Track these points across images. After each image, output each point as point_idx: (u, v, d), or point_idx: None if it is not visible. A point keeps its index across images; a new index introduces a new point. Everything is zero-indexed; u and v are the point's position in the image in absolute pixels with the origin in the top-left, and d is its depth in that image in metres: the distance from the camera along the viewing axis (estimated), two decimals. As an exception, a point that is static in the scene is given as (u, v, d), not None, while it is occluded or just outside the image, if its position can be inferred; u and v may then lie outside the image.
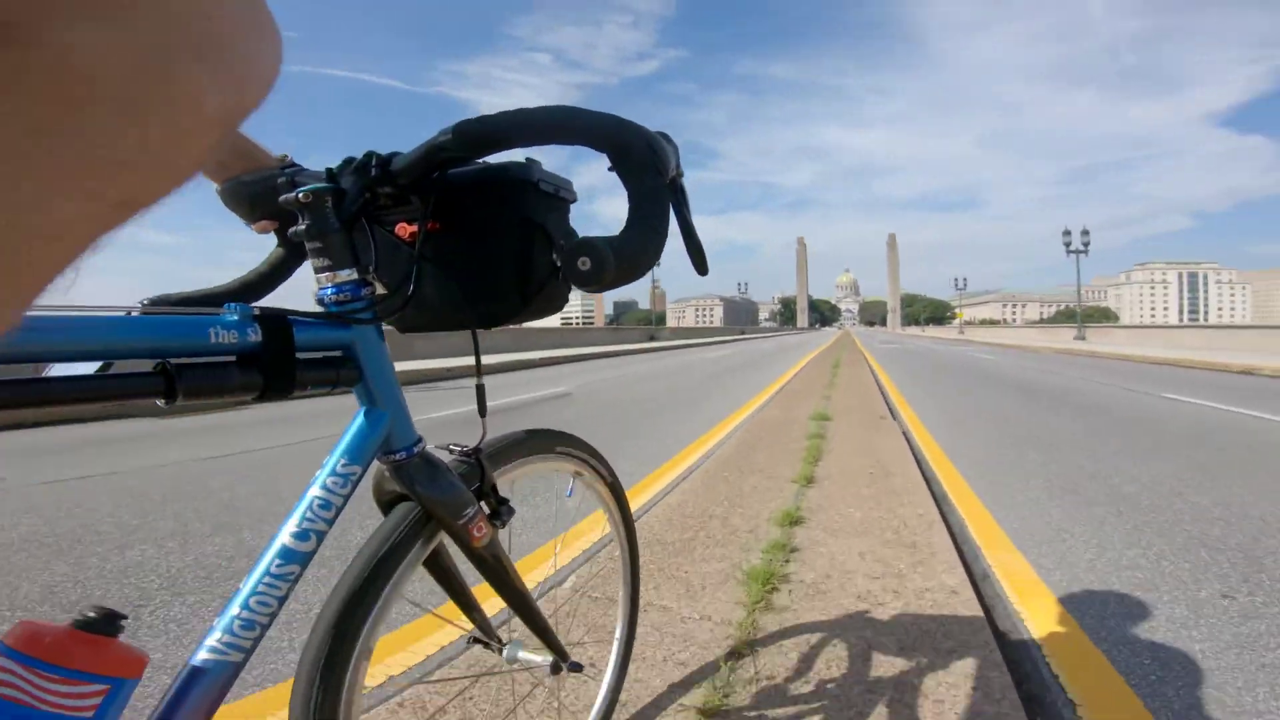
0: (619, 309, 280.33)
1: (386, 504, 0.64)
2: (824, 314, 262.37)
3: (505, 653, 0.83)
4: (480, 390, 0.68)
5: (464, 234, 0.62)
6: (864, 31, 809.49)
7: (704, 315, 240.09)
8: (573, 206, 0.66)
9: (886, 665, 1.36)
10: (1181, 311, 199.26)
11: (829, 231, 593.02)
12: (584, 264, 0.48)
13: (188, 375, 0.44)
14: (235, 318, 0.47)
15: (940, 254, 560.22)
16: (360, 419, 0.57)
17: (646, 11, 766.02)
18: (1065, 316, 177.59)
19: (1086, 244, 27.47)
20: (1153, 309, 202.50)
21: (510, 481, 0.75)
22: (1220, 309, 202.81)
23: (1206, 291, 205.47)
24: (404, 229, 0.62)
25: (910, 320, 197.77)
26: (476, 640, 0.81)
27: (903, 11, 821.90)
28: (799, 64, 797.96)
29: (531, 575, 1.81)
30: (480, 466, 0.68)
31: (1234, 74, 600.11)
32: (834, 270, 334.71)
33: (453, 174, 0.60)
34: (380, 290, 0.61)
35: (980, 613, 1.62)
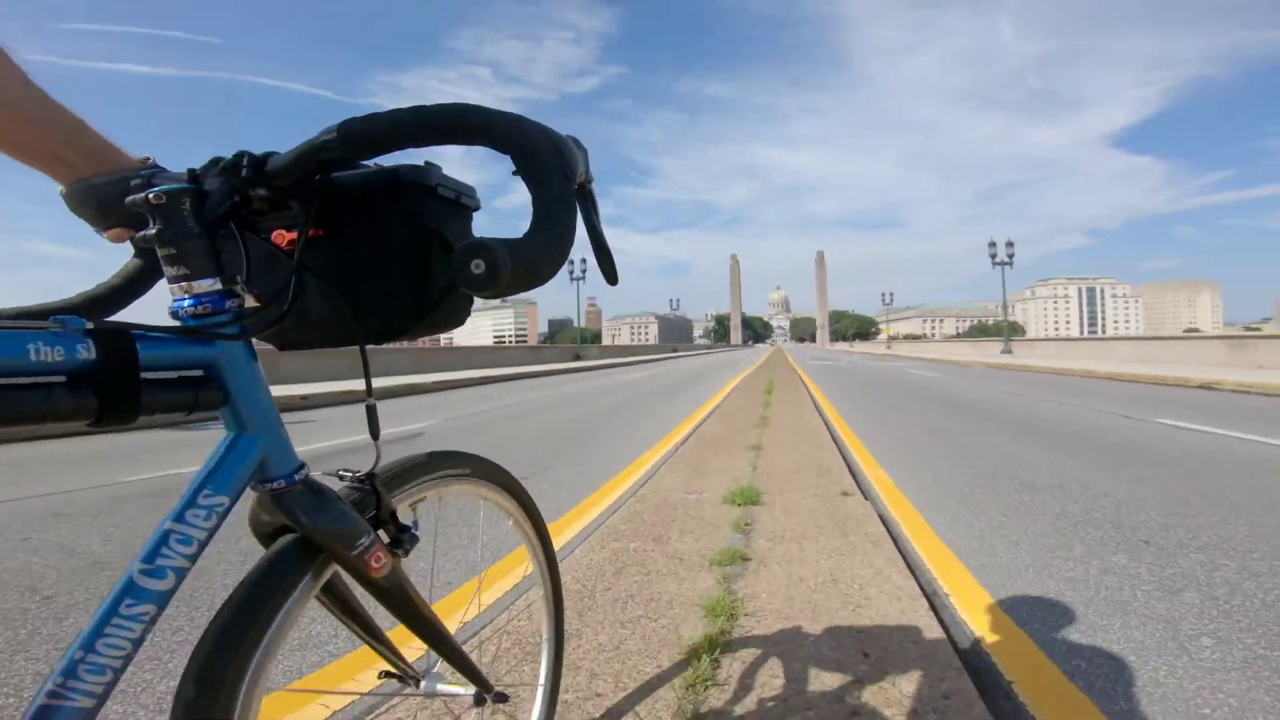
0: (554, 327, 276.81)
1: (266, 536, 0.56)
2: (757, 331, 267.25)
3: (423, 685, 0.81)
4: (372, 411, 0.63)
5: (352, 242, 0.57)
6: (796, 53, 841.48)
7: (639, 333, 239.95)
8: (494, 217, 0.39)
9: None
10: (1082, 324, 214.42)
11: (762, 249, 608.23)
12: (477, 267, 0.43)
13: None
14: (61, 332, 0.42)
15: (865, 272, 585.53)
16: (227, 444, 0.51)
17: (589, 29, 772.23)
18: (979, 330, 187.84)
19: (1011, 255, 27.42)
20: (1055, 322, 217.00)
21: (413, 507, 0.71)
22: (1116, 321, 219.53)
23: (1103, 305, 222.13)
24: (282, 236, 0.56)
25: (838, 336, 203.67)
26: (389, 675, 0.78)
27: (832, 34, 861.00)
28: (735, 83, 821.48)
29: (456, 615, 1.69)
30: (376, 493, 0.62)
31: (1126, 96, 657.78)
32: (767, 287, 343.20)
33: (339, 177, 0.55)
34: (252, 303, 0.54)
35: None
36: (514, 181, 0.52)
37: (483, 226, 0.61)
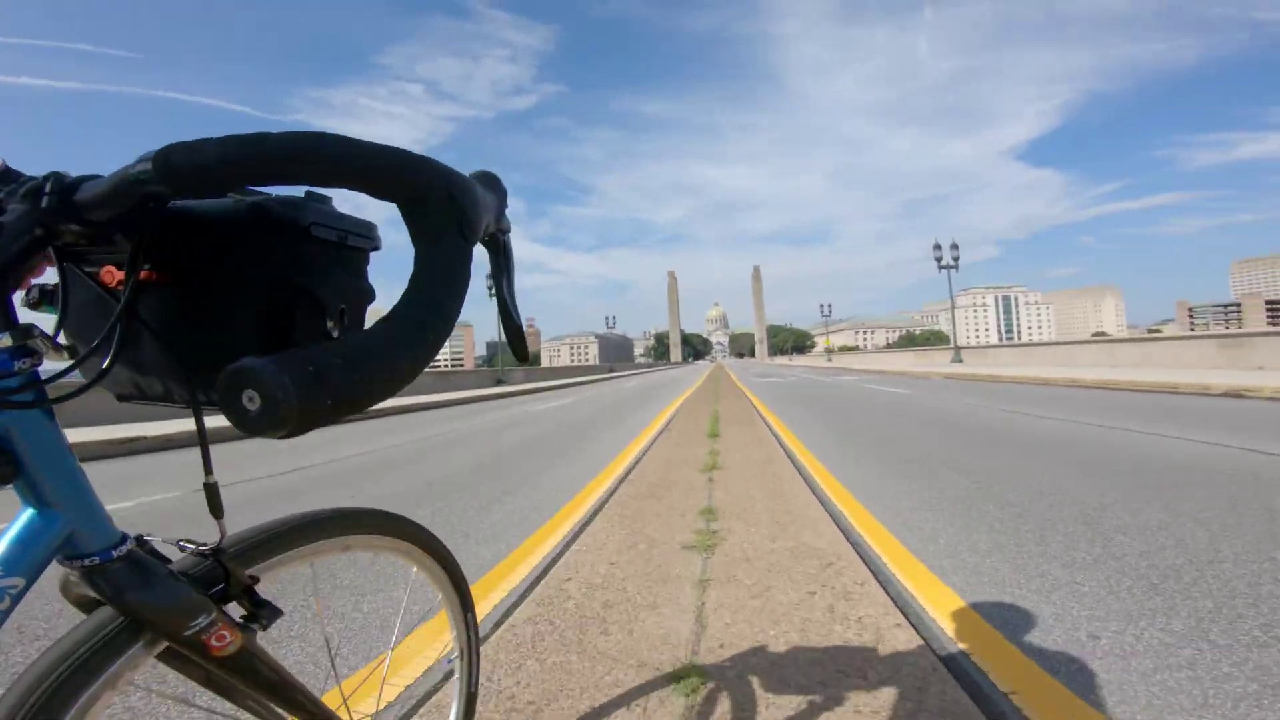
0: (492, 349, 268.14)
1: (84, 605, 0.50)
2: (697, 347, 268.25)
3: None
4: (212, 490, 0.54)
5: (196, 290, 0.48)
6: (732, 71, 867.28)
7: (579, 353, 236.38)
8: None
9: None
10: (999, 332, 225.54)
11: (700, 266, 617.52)
12: (250, 399, 0.35)
13: None
14: None
15: (799, 286, 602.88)
16: (24, 520, 0.45)
17: (525, 46, 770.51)
18: (907, 340, 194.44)
19: (956, 258, 26.11)
20: (976, 331, 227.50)
21: (277, 577, 0.63)
22: (1029, 327, 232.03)
23: (1018, 312, 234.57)
24: (112, 274, 0.49)
25: (776, 350, 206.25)
26: None
27: (765, 53, 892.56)
28: (673, 102, 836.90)
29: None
30: (223, 567, 0.55)
31: (1028, 110, 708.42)
32: (705, 304, 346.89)
33: (188, 206, 0.48)
34: (58, 359, 0.48)
35: None
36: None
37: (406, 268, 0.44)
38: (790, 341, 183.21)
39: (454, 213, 0.42)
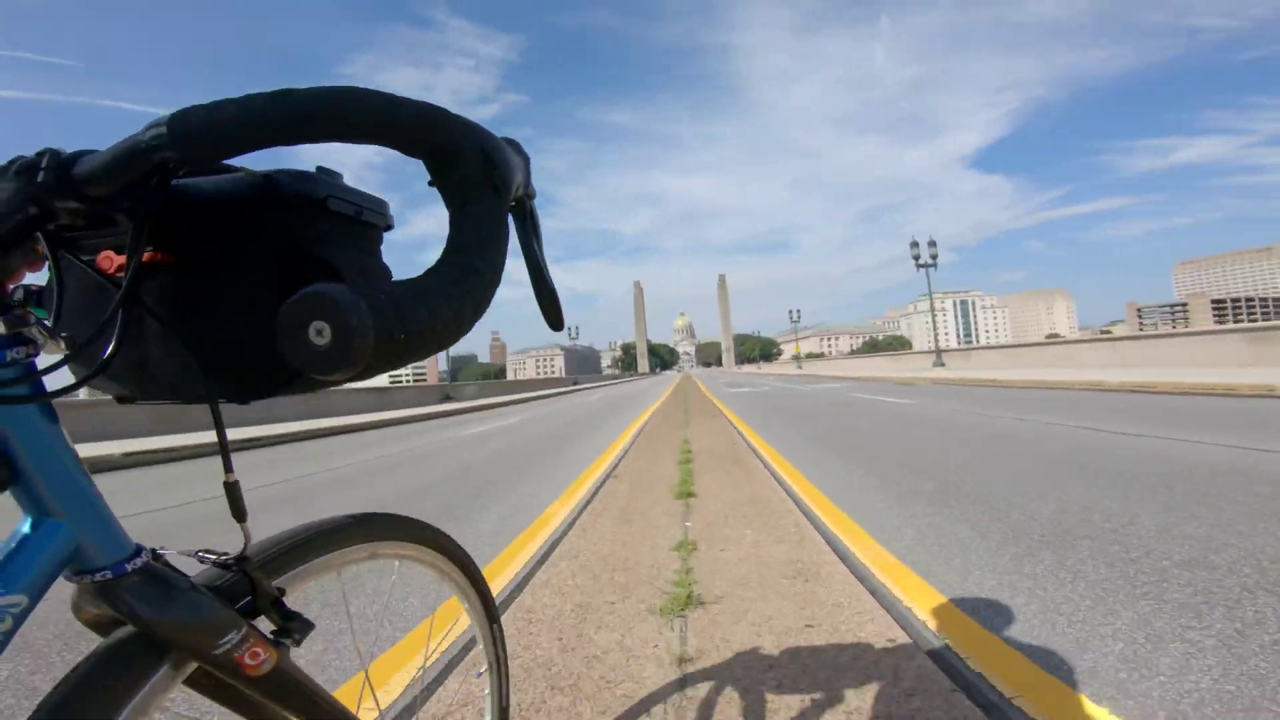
0: (456, 363, 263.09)
1: (100, 626, 0.45)
2: (664, 358, 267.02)
3: None
4: (233, 490, 0.49)
5: (205, 272, 0.45)
6: (697, 81, 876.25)
7: (545, 365, 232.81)
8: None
9: None
10: (958, 335, 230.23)
11: (666, 277, 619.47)
12: (319, 333, 0.31)
13: None
14: None
15: (764, 295, 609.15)
16: (24, 532, 0.41)
17: (489, 56, 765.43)
18: (870, 346, 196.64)
19: (934, 256, 24.63)
20: (935, 334, 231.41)
21: (306, 588, 0.59)
22: (987, 330, 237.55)
23: (975, 316, 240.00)
24: (110, 260, 0.45)
25: (743, 358, 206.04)
26: None
27: (728, 63, 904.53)
28: (638, 112, 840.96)
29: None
30: (249, 578, 0.50)
31: (978, 118, 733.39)
32: (671, 314, 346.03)
33: (193, 183, 0.45)
34: (60, 348, 0.43)
35: None
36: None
37: (400, 262, 0.46)
38: (757, 350, 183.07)
39: (489, 169, 0.40)
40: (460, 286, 0.36)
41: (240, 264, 0.44)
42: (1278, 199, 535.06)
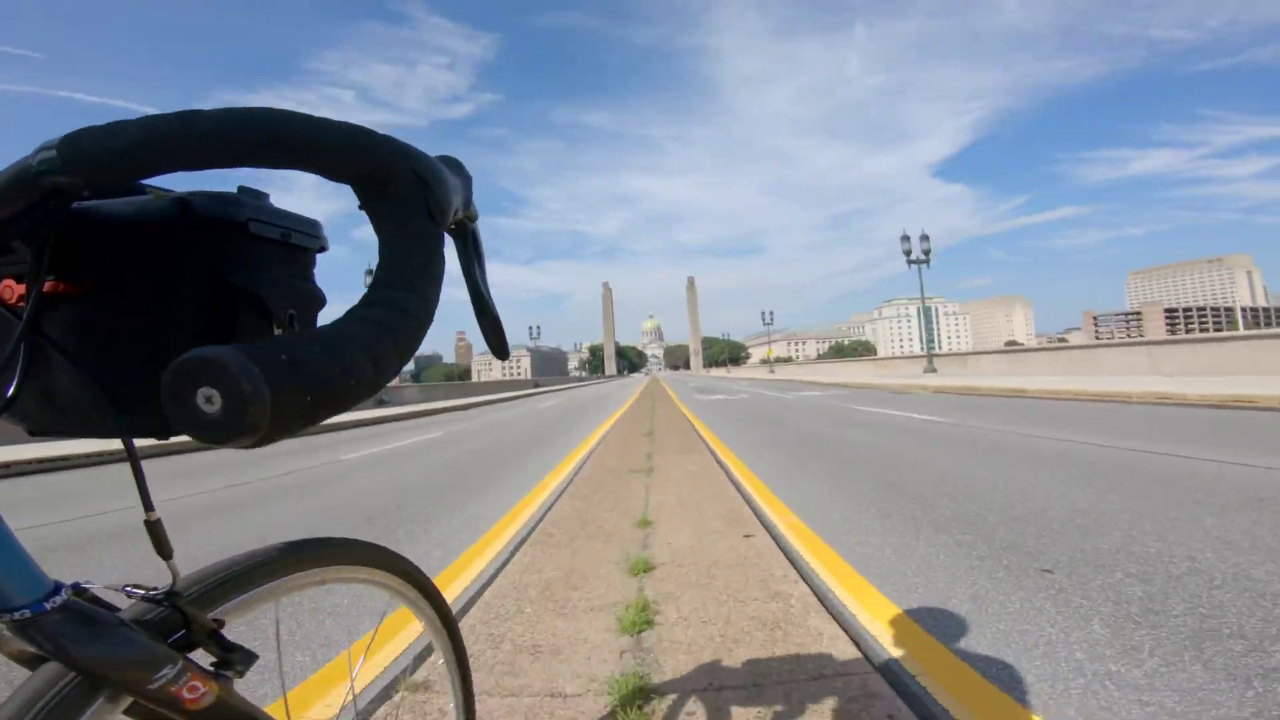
0: (420, 363, 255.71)
1: (28, 661, 0.41)
2: (631, 360, 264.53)
3: None
4: (154, 528, 0.47)
5: (114, 303, 0.42)
6: (671, 83, 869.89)
7: (511, 366, 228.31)
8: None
9: None
10: (922, 341, 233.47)
11: (635, 279, 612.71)
12: (208, 400, 0.28)
13: None
14: None
15: (733, 298, 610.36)
16: None
17: (465, 54, 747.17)
18: (836, 351, 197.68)
19: (928, 251, 22.62)
20: (900, 340, 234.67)
21: (250, 616, 0.57)
22: (949, 337, 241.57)
23: (938, 322, 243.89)
24: (11, 289, 0.43)
25: (711, 361, 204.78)
26: None
27: (703, 66, 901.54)
28: (613, 113, 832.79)
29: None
30: (181, 612, 0.47)
31: (946, 126, 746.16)
32: (640, 317, 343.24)
33: (101, 206, 0.42)
34: None
35: None
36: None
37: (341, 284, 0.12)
38: (725, 353, 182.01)
39: (421, 194, 0.38)
40: (384, 332, 0.33)
41: (153, 293, 0.41)
42: (1224, 211, 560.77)
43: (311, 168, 0.36)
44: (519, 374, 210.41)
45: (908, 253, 22.63)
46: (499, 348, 0.55)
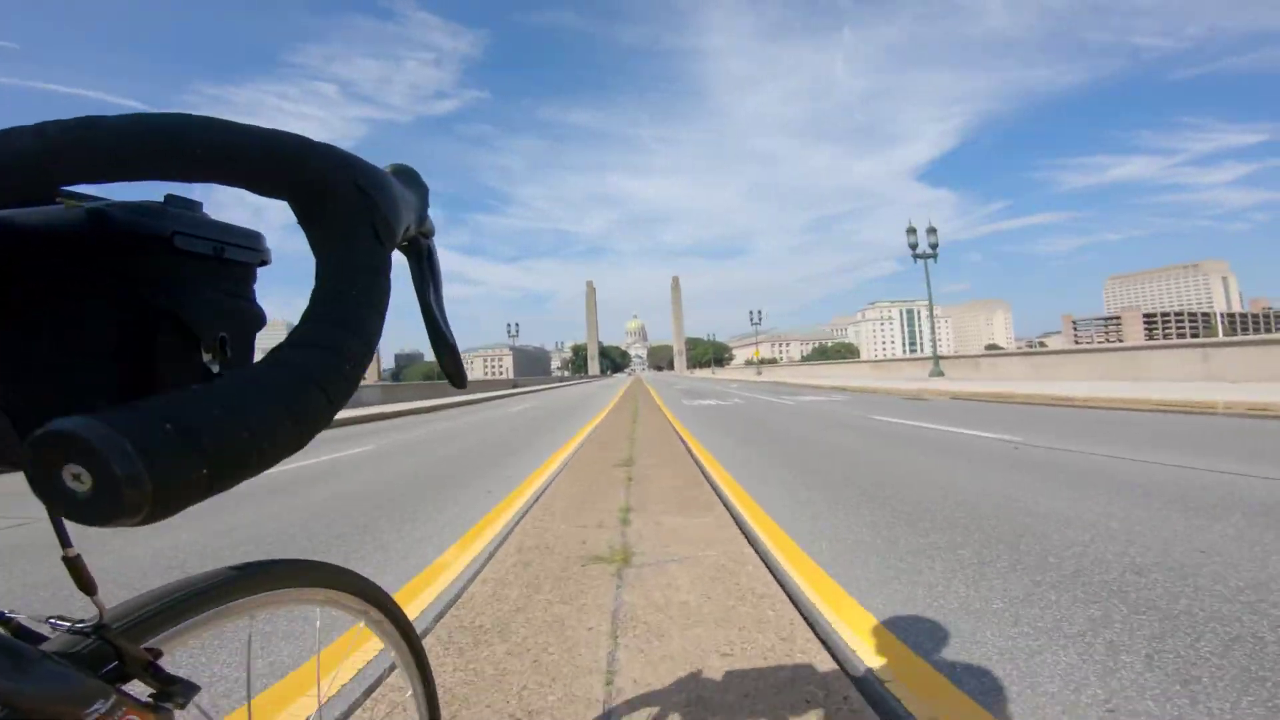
0: (401, 361, 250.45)
1: None
2: (615, 360, 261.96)
3: None
4: (73, 564, 0.44)
5: (22, 326, 0.37)
6: (658, 84, 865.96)
7: (493, 365, 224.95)
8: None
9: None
10: (904, 344, 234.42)
11: (620, 279, 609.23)
12: (76, 478, 0.24)
13: None
14: None
15: (717, 299, 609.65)
16: None
17: (451, 50, 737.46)
18: (819, 353, 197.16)
19: (934, 246, 20.87)
20: (882, 343, 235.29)
21: (194, 645, 0.58)
22: (931, 340, 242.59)
23: (920, 325, 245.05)
24: None
25: (694, 362, 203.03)
26: None
27: (691, 66, 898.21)
28: (598, 112, 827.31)
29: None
30: (112, 644, 0.43)
31: (930, 131, 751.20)
32: (624, 316, 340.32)
33: (8, 217, 0.37)
34: None
35: None
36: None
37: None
38: (709, 354, 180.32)
39: (365, 210, 0.35)
40: (308, 382, 0.29)
41: (61, 316, 0.37)
42: (1199, 218, 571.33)
43: (235, 180, 0.33)
44: (502, 372, 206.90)
45: (913, 246, 20.84)
46: (457, 377, 0.51)
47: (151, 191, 0.39)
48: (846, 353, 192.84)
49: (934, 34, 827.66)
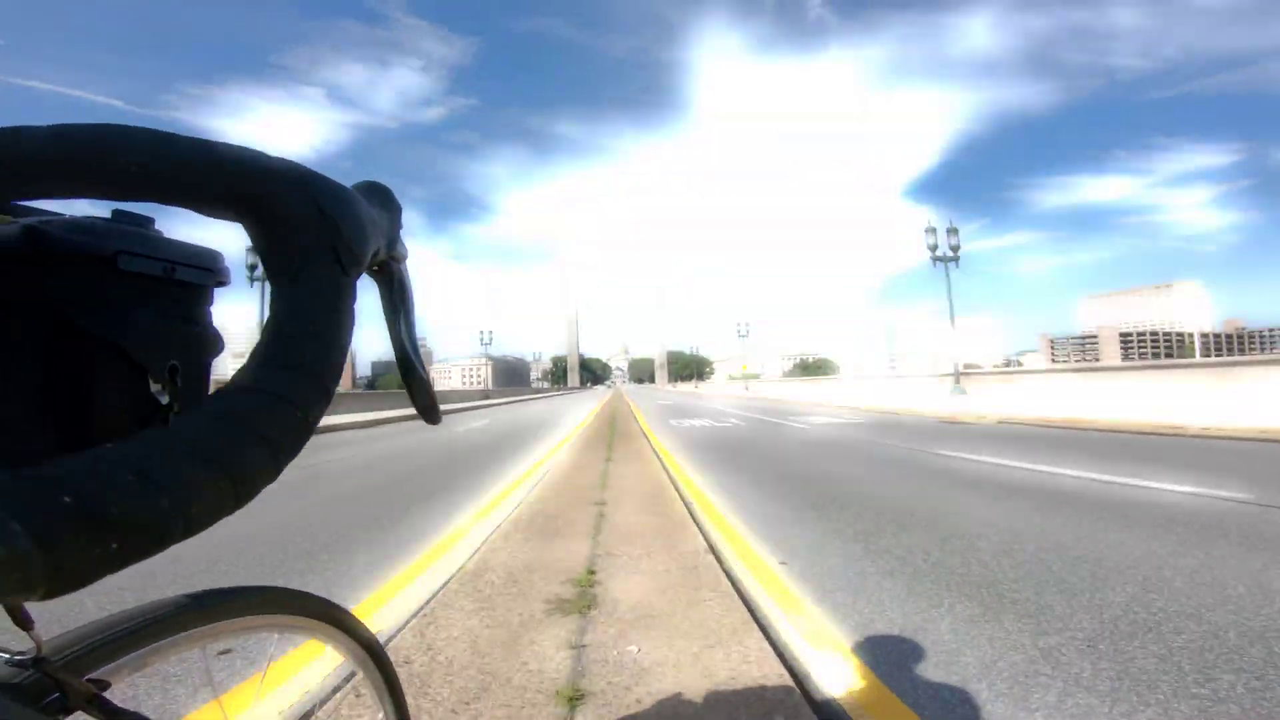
0: (378, 369, 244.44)
1: None
2: (596, 372, 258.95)
3: None
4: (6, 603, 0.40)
5: None
6: (645, 96, 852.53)
7: (471, 376, 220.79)
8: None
9: None
10: (889, 358, 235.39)
11: (601, 290, 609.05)
12: None
13: None
14: None
15: (700, 313, 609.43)
16: None
17: (442, 58, 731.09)
18: (800, 369, 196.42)
19: (956, 248, 18.79)
20: (863, 359, 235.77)
21: (144, 676, 0.55)
22: (912, 355, 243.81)
23: (897, 340, 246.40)
24: None
25: (676, 376, 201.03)
26: None
27: (677, 79, 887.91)
28: (585, 124, 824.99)
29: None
30: (51, 677, 0.41)
31: (914, 149, 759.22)
32: (605, 329, 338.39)
33: None
34: None
35: None
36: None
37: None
38: (691, 368, 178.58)
39: (326, 233, 0.31)
40: (248, 438, 0.26)
41: None
42: (1171, 239, 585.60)
43: (172, 200, 0.30)
44: (480, 383, 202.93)
45: (933, 248, 18.72)
46: (430, 412, 0.47)
47: (107, 208, 0.36)
48: (827, 368, 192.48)
49: (918, 53, 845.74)
